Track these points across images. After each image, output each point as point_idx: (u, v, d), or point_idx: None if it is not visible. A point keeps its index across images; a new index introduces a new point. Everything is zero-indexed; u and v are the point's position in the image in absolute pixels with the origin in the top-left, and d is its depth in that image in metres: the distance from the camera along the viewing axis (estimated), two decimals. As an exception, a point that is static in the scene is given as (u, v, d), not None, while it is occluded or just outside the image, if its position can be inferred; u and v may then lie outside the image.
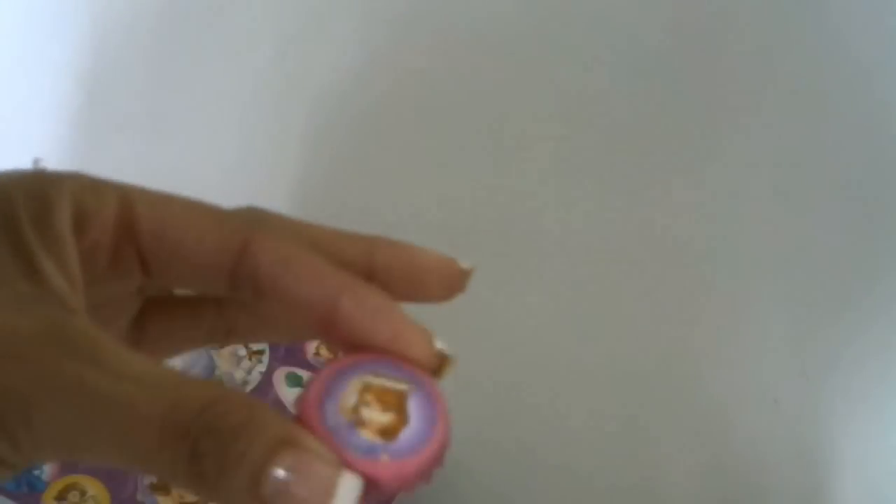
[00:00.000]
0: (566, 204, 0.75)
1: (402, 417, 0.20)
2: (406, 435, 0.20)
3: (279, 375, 0.57)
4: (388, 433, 0.20)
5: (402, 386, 0.21)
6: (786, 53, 0.70)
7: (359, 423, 0.20)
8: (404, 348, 0.21)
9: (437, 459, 0.20)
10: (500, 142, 0.77)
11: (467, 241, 0.74)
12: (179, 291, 0.25)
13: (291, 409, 0.56)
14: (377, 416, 0.20)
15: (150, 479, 0.50)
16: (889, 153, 0.67)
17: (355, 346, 0.21)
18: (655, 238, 0.72)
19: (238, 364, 0.56)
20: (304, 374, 0.58)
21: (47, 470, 0.49)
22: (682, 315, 0.70)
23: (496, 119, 0.77)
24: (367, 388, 0.20)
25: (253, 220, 0.22)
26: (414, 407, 0.21)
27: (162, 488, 0.50)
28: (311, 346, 0.60)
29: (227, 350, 0.56)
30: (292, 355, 0.58)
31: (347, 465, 0.19)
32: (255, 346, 0.57)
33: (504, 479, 0.68)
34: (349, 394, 0.20)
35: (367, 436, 0.20)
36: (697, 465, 0.67)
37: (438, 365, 0.22)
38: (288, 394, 0.56)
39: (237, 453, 0.18)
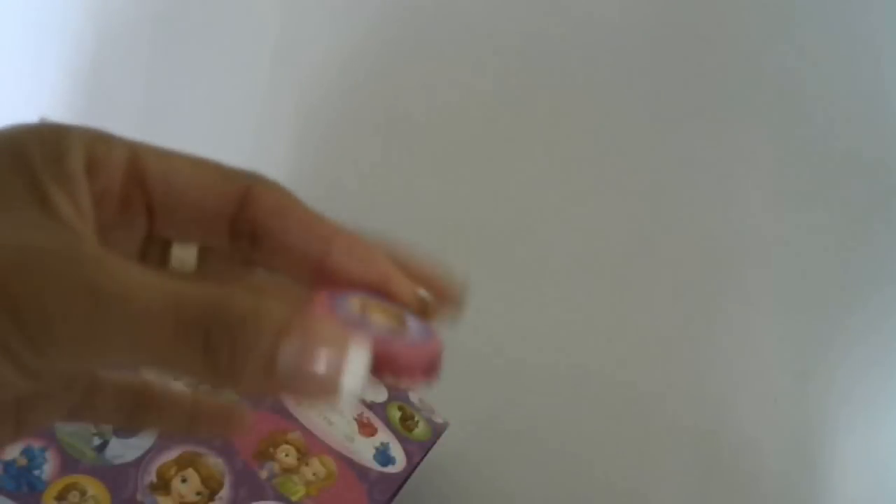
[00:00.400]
0: (564, 199, 0.75)
1: (403, 325, 0.22)
2: (411, 332, 0.21)
3: (279, 375, 0.57)
4: (396, 329, 0.21)
5: (396, 308, 0.22)
6: (787, 54, 0.70)
7: (367, 319, 0.21)
8: (392, 289, 0.23)
9: (440, 358, 0.21)
10: (499, 139, 0.77)
11: (463, 240, 0.74)
12: (177, 250, 0.26)
13: (292, 409, 0.56)
14: (382, 319, 0.21)
15: (150, 479, 0.50)
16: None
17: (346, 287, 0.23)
18: (656, 238, 0.72)
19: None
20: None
21: (47, 470, 0.48)
22: (682, 315, 0.70)
23: (495, 117, 0.77)
24: (367, 304, 0.22)
25: (253, 176, 0.24)
26: (410, 320, 0.22)
27: (162, 488, 0.50)
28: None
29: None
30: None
31: (366, 343, 0.19)
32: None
33: (504, 472, 0.68)
34: (353, 304, 0.21)
35: (379, 324, 0.21)
36: (697, 464, 0.67)
37: (421, 306, 0.23)
38: (288, 393, 0.56)
39: (248, 340, 0.18)
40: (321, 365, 0.18)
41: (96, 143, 0.22)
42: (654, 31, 0.72)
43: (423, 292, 0.23)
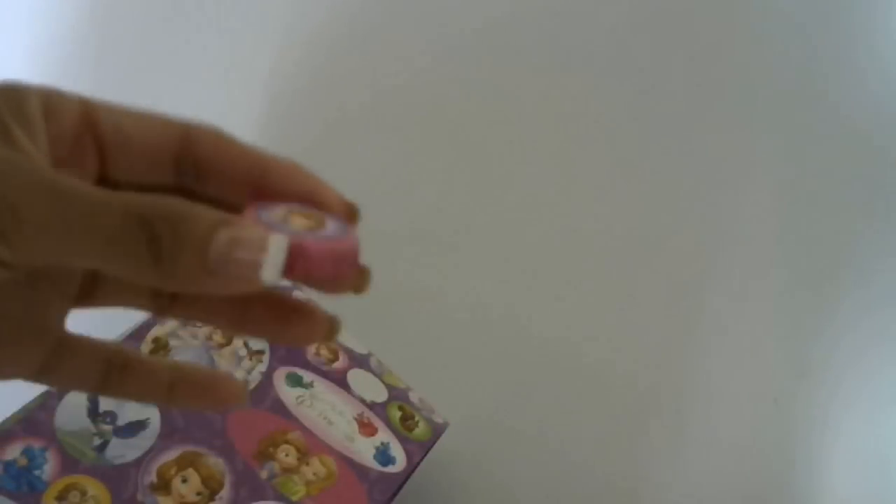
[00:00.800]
0: (564, 197, 0.75)
1: (322, 226, 0.25)
2: (326, 232, 0.25)
3: (279, 375, 0.57)
4: (313, 230, 0.25)
5: (318, 214, 0.26)
6: (789, 51, 0.70)
7: (288, 223, 0.25)
8: (321, 197, 0.27)
9: (352, 254, 0.25)
10: (492, 129, 0.77)
11: (462, 237, 0.74)
12: None
13: (292, 409, 0.56)
14: (302, 222, 0.25)
15: (150, 479, 0.50)
16: (892, 156, 0.67)
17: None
18: (657, 237, 0.72)
19: (238, 364, 0.56)
20: (305, 373, 0.58)
21: (47, 470, 0.49)
22: (682, 315, 0.70)
23: (483, 102, 0.77)
24: (290, 212, 0.26)
25: (193, 121, 0.28)
26: (330, 222, 0.26)
27: (162, 488, 0.50)
28: (311, 347, 0.60)
29: (228, 350, 0.56)
30: (292, 355, 0.58)
31: (281, 236, 0.23)
32: (255, 346, 0.57)
33: (504, 472, 0.68)
34: (277, 212, 0.25)
35: (298, 225, 0.25)
36: (697, 464, 0.67)
37: (348, 211, 0.27)
38: (288, 393, 0.56)
39: (187, 230, 0.22)
40: (244, 252, 0.22)
41: (51, 96, 0.26)
42: (653, 22, 0.72)
43: (347, 198, 0.27)
